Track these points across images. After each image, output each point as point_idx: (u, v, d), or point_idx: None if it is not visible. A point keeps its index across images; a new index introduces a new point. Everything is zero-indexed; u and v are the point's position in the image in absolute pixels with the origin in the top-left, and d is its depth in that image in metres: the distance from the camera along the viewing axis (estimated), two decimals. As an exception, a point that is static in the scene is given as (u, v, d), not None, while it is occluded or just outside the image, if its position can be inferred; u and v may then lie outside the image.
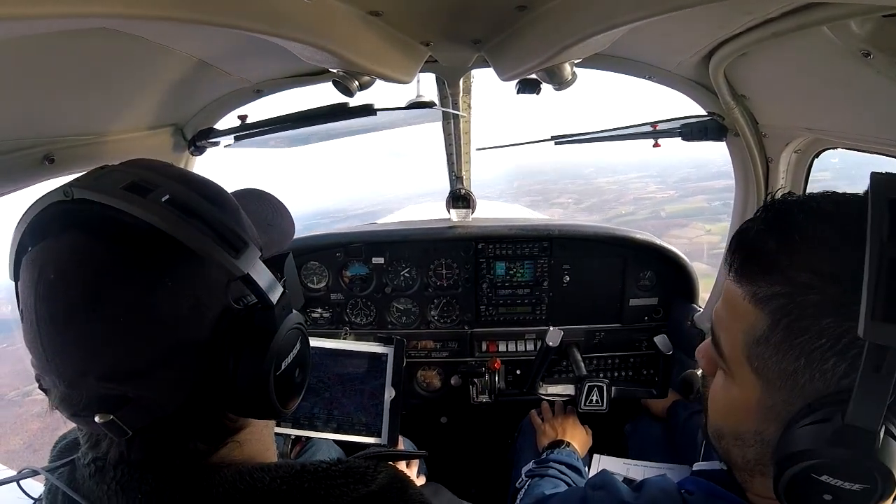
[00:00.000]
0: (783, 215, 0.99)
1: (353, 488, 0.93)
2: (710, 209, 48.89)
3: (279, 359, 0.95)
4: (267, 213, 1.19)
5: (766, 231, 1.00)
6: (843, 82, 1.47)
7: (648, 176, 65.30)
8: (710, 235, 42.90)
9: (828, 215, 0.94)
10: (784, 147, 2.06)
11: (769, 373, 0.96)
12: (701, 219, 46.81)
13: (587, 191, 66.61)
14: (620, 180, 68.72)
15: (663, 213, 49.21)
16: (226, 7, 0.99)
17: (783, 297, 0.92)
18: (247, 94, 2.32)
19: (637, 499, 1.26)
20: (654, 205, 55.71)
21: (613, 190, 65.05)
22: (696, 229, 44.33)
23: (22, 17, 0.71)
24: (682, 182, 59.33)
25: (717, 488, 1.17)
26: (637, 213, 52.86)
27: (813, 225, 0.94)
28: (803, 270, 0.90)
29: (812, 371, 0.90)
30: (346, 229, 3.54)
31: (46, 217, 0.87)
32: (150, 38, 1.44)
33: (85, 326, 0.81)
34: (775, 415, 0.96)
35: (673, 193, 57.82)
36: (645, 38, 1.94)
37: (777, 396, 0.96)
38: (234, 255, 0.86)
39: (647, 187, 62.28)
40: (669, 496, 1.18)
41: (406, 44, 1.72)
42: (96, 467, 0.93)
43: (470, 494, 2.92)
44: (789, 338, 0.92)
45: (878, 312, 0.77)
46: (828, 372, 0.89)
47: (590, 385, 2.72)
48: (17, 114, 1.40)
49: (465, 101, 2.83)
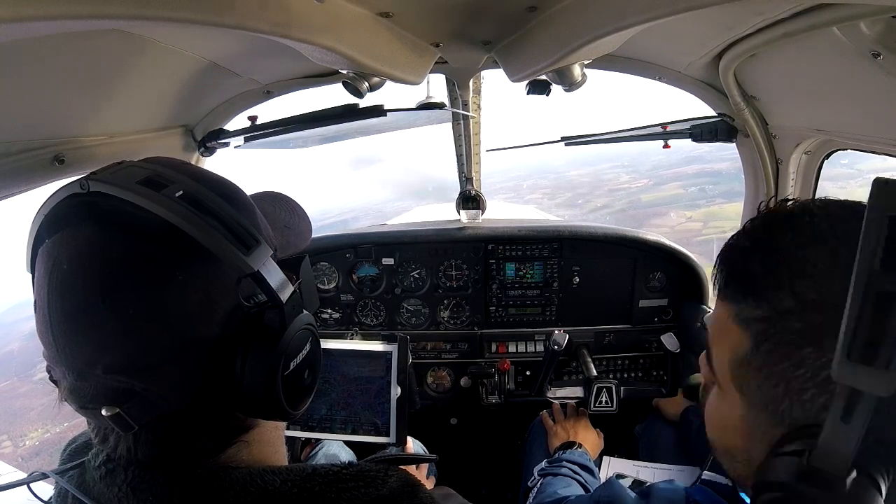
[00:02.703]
0: (770, 232, 0.94)
1: (364, 492, 0.93)
2: (687, 195, 48.73)
3: (287, 359, 0.95)
4: (284, 215, 1.19)
5: (751, 250, 0.96)
6: (853, 83, 1.46)
7: (620, 166, 65.20)
8: (691, 222, 42.67)
9: (820, 235, 0.87)
10: (794, 148, 2.05)
11: (752, 395, 0.92)
12: (680, 206, 46.63)
13: (560, 185, 66.42)
14: (592, 172, 68.61)
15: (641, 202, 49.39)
16: (236, 9, 0.99)
17: (764, 321, 0.88)
18: (257, 95, 2.33)
19: (647, 498, 1.25)
20: (630, 195, 55.67)
21: (586, 183, 64.91)
22: (678, 217, 44.13)
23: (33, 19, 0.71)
24: (655, 170, 59.25)
25: (723, 501, 1.17)
26: (613, 204, 52.72)
27: (801, 247, 0.88)
28: (787, 296, 0.85)
29: (791, 399, 0.86)
30: (357, 230, 3.54)
31: (62, 209, 0.88)
32: (161, 39, 1.45)
33: (95, 317, 0.82)
34: (760, 436, 0.92)
35: (647, 182, 57.78)
36: (655, 39, 1.94)
37: (761, 418, 0.92)
38: (245, 252, 0.86)
39: (620, 178, 62.26)
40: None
41: (416, 45, 1.72)
42: (107, 469, 0.93)
43: (480, 496, 2.92)
44: (769, 363, 0.88)
45: (855, 352, 0.70)
46: (807, 402, 0.84)
47: (599, 386, 2.72)
48: (28, 115, 1.41)
49: (475, 102, 2.84)
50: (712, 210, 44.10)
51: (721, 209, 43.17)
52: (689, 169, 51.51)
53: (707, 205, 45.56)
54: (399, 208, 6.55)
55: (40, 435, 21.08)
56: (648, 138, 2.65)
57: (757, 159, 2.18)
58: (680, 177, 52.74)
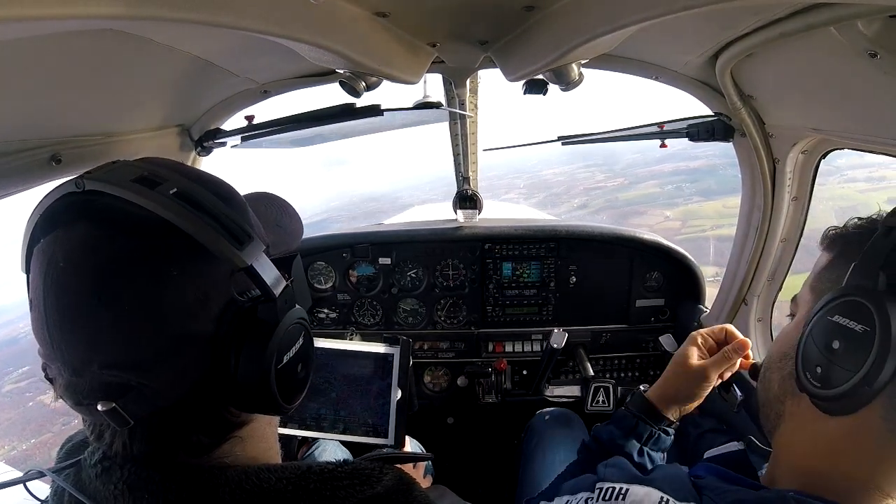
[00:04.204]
0: None
1: (359, 490, 0.94)
2: (664, 194, 48.74)
3: (280, 352, 0.95)
4: (275, 214, 1.21)
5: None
6: (850, 83, 1.47)
7: (594, 165, 65.36)
8: (670, 221, 42.58)
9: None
10: (791, 147, 2.05)
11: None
12: (657, 205, 46.61)
13: (535, 184, 66.43)
14: (566, 171, 68.90)
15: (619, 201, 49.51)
16: (233, 8, 0.99)
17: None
18: (254, 94, 2.33)
19: (648, 473, 1.27)
20: (606, 194, 55.73)
21: (561, 182, 65.07)
22: (656, 216, 44.07)
23: (28, 18, 0.71)
24: (629, 168, 59.43)
25: (728, 472, 1.20)
26: (590, 203, 52.74)
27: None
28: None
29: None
30: (353, 230, 3.55)
31: (58, 208, 0.88)
32: (157, 38, 1.44)
33: (91, 314, 0.82)
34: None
35: (623, 181, 57.91)
36: (652, 38, 1.94)
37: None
38: (238, 247, 0.87)
39: (595, 176, 62.44)
40: (679, 478, 1.18)
41: (413, 44, 1.72)
42: (103, 468, 0.93)
43: (476, 494, 2.92)
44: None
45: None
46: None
47: (596, 386, 2.72)
48: (25, 114, 1.41)
49: (471, 102, 2.84)
50: (690, 208, 44.32)
51: (700, 208, 43.50)
52: (664, 167, 51.83)
53: (685, 203, 45.70)
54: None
55: (6, 452, 20.07)
56: (645, 137, 2.65)
57: (754, 158, 2.18)
58: (655, 175, 53.06)
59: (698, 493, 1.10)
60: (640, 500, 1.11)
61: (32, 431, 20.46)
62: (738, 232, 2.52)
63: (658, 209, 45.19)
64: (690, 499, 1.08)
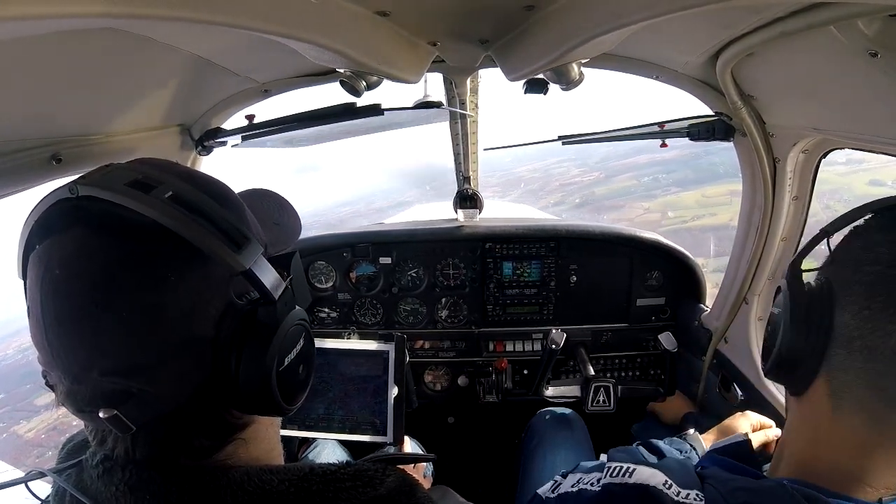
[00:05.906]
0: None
1: (362, 491, 0.94)
2: (641, 186, 48.21)
3: (282, 354, 0.95)
4: (273, 211, 1.20)
5: None
6: (851, 82, 1.47)
7: (568, 160, 64.59)
8: (650, 214, 42.19)
9: None
10: (791, 147, 2.05)
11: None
12: (635, 197, 46.21)
13: (510, 182, 65.60)
14: (540, 167, 68.23)
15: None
16: (234, 7, 0.99)
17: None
18: (254, 93, 2.33)
19: (656, 460, 1.32)
20: (583, 188, 55.09)
21: (536, 178, 64.29)
22: (635, 209, 43.64)
23: (28, 17, 0.71)
24: (604, 162, 58.73)
25: (732, 462, 1.23)
26: (568, 199, 52.33)
27: None
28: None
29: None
30: (354, 229, 3.54)
31: (52, 214, 0.87)
32: (158, 37, 1.44)
33: (89, 321, 0.82)
34: None
35: (599, 175, 57.25)
36: (652, 38, 1.94)
37: None
38: (236, 250, 0.86)
39: (570, 171, 61.68)
40: (685, 467, 1.22)
41: (413, 44, 1.72)
42: (104, 468, 0.93)
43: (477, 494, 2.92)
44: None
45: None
46: None
47: (596, 385, 2.72)
48: (25, 114, 1.41)
49: (472, 101, 2.84)
50: (669, 200, 43.85)
51: (678, 198, 43.08)
52: (639, 159, 51.22)
53: (663, 195, 45.17)
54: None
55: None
56: (646, 137, 2.65)
57: (754, 158, 2.18)
58: (630, 168, 52.44)
59: (701, 481, 1.14)
60: (647, 479, 1.17)
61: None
62: (739, 231, 2.52)
63: (637, 202, 44.73)
64: (694, 486, 1.12)
